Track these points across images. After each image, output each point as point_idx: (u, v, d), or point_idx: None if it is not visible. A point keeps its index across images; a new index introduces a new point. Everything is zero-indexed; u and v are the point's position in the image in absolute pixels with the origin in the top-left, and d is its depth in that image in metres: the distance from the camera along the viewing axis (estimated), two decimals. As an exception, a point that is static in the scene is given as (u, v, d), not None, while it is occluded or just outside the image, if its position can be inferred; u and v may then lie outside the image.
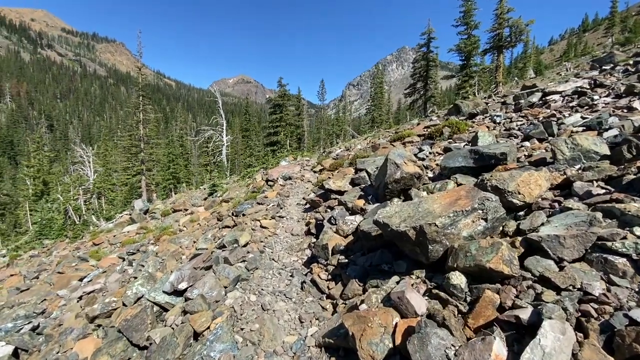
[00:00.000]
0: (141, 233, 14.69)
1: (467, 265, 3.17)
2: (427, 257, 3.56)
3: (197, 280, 5.32)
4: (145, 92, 35.60)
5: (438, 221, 3.43)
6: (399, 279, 3.79)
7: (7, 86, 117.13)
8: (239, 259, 5.98)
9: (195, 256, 6.63)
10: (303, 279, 5.28)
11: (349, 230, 5.62)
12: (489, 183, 4.13)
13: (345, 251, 5.21)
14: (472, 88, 35.32)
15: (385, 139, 15.85)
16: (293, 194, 11.66)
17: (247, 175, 20.61)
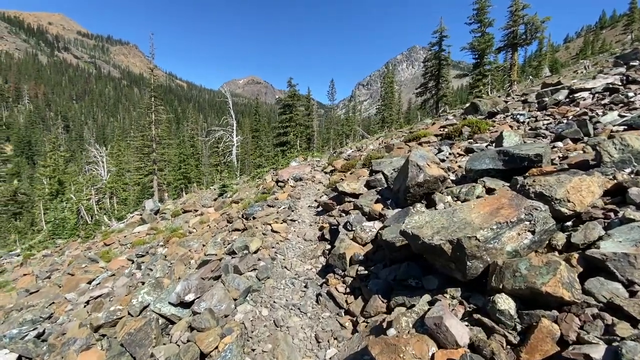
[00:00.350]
0: (151, 234, 14.51)
1: (517, 287, 2.69)
2: (464, 275, 3.09)
3: (205, 291, 4.94)
4: (157, 93, 35.84)
5: (479, 234, 2.96)
6: (430, 298, 3.32)
7: (25, 88, 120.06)
8: (249, 268, 5.59)
9: (203, 263, 6.27)
10: (318, 291, 4.85)
11: (368, 237, 5.16)
12: (531, 189, 3.63)
13: (364, 261, 4.76)
14: (485, 87, 34.40)
15: (399, 139, 15.31)
16: (304, 195, 11.25)
17: (257, 176, 20.30)
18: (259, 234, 7.17)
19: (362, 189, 7.55)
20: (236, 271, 5.49)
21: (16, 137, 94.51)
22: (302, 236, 7.10)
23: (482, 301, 3.00)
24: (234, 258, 6.04)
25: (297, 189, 12.32)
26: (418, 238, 3.34)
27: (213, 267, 5.41)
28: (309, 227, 7.71)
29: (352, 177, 9.06)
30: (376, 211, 5.88)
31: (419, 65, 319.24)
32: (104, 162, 45.09)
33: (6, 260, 17.95)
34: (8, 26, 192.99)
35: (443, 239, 3.12)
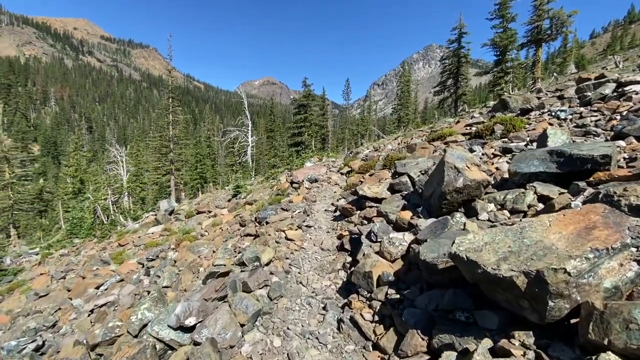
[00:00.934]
0: (164, 235, 14.13)
1: (634, 346, 1.87)
2: (542, 317, 2.27)
3: (208, 314, 4.26)
4: (174, 94, 36.05)
5: (570, 265, 2.14)
6: (492, 344, 2.51)
7: (52, 91, 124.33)
8: (260, 284, 4.87)
9: (211, 275, 5.62)
10: (340, 315, 4.09)
11: (398, 253, 4.36)
12: (623, 200, 2.77)
13: (395, 283, 3.96)
14: (507, 85, 32.80)
15: (420, 138, 14.37)
16: (320, 198, 10.51)
17: (272, 177, 19.71)
18: (272, 242, 6.46)
19: (385, 192, 6.74)
20: (245, 288, 4.79)
21: (43, 138, 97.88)
22: (319, 245, 6.34)
23: (570, 356, 2.17)
24: (243, 272, 5.36)
25: (312, 191, 11.61)
26: (476, 265, 2.54)
27: (218, 286, 4.71)
28: (326, 234, 6.96)
29: (373, 179, 8.25)
30: (404, 220, 5.07)
31: (435, 64, 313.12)
32: (124, 162, 45.75)
33: (25, 259, 18.01)
34: (36, 32, 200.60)
35: (515, 269, 2.31)
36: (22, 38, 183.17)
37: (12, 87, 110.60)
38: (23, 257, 17.86)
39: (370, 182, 8.09)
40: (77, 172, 42.60)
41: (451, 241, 3.50)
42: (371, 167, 11.27)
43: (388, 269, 4.10)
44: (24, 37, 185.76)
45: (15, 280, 15.03)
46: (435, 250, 3.37)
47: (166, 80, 37.23)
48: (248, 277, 4.93)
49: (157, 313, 4.93)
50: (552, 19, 30.52)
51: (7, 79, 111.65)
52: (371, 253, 4.47)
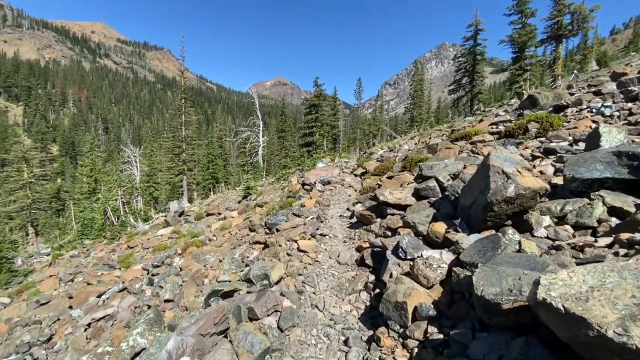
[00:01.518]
0: (173, 238, 13.64)
1: None
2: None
3: (205, 354, 3.53)
4: (187, 95, 36.01)
5: None
6: None
7: (70, 92, 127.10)
8: (268, 310, 4.13)
9: (213, 294, 4.92)
10: (365, 354, 3.32)
11: (436, 277, 3.53)
12: None
13: (436, 318, 3.15)
14: (526, 83, 31.37)
15: (439, 137, 13.45)
16: (334, 202, 9.75)
17: (283, 177, 19.04)
18: (283, 254, 5.73)
19: (410, 199, 5.93)
20: (251, 315, 4.06)
21: (61, 139, 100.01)
22: (336, 257, 5.57)
23: None
24: (249, 292, 4.65)
25: (325, 194, 10.85)
26: (584, 324, 1.71)
27: (218, 318, 3.93)
28: (343, 244, 6.19)
29: (393, 183, 7.44)
30: (438, 233, 4.26)
31: (448, 62, 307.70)
32: (137, 162, 45.98)
33: (36, 260, 17.84)
34: (56, 35, 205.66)
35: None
36: (42, 42, 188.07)
37: (33, 89, 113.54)
38: (34, 257, 17.69)
39: (390, 186, 7.28)
40: (92, 172, 42.98)
41: (514, 269, 2.69)
42: (388, 169, 10.46)
43: (426, 299, 3.28)
44: (44, 40, 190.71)
45: (25, 281, 14.82)
46: (495, 284, 2.56)
47: (179, 82, 37.27)
48: (255, 300, 4.20)
49: (151, 339, 4.27)
50: (573, 14, 29.27)
51: (28, 81, 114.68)
52: (402, 277, 3.63)
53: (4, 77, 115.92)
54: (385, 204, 6.19)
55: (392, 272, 3.97)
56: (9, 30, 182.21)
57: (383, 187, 7.25)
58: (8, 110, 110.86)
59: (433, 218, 4.83)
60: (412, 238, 4.43)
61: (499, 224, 3.83)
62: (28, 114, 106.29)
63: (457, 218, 4.32)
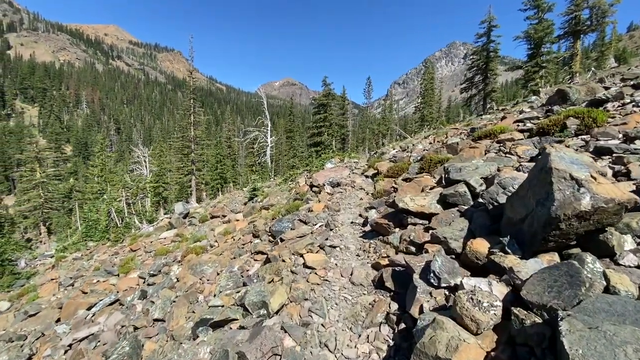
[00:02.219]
0: (176, 241, 13.08)
1: None
2: None
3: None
4: (196, 95, 35.86)
5: None
6: None
7: (83, 94, 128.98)
8: (264, 355, 3.29)
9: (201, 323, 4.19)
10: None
11: (489, 321, 2.67)
12: None
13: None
14: (542, 80, 30.05)
15: (456, 136, 12.54)
16: (344, 206, 8.97)
17: (290, 178, 18.33)
18: (286, 272, 4.96)
19: (435, 206, 5.11)
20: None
21: (75, 139, 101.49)
22: (348, 276, 4.78)
23: None
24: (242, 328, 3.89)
25: (334, 197, 10.08)
26: None
27: None
28: (356, 258, 5.40)
29: (412, 187, 6.61)
30: (479, 254, 3.42)
31: (458, 61, 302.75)
32: (147, 162, 45.96)
33: (40, 262, 17.51)
34: (70, 38, 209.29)
35: None
36: (57, 44, 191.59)
37: (48, 91, 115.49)
38: (38, 259, 17.35)
39: (409, 190, 6.46)
40: (102, 172, 43.05)
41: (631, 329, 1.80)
42: (402, 170, 9.63)
43: (477, 354, 2.44)
44: (59, 43, 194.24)
45: (27, 284, 14.47)
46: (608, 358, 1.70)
47: (188, 82, 37.11)
48: (248, 340, 3.45)
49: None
50: (591, 8, 28.07)
51: (43, 83, 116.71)
52: (442, 320, 2.66)
53: (21, 79, 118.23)
54: (405, 211, 5.38)
55: (423, 305, 3.17)
56: (25, 33, 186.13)
57: (401, 191, 6.43)
58: (24, 111, 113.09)
59: (469, 233, 3.99)
60: (446, 259, 3.59)
61: (563, 244, 3.00)
62: (43, 115, 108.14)
63: (500, 234, 3.51)
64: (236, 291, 4.89)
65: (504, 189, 3.98)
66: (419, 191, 6.03)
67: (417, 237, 4.49)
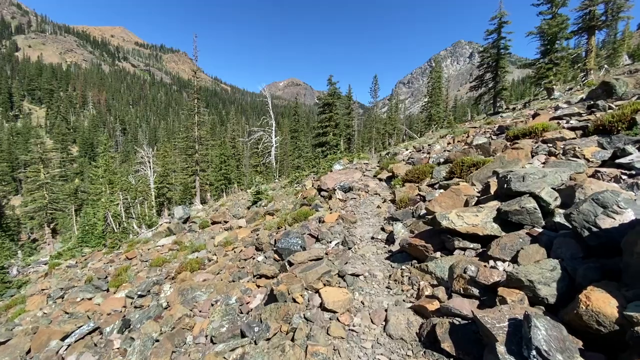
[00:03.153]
0: (174, 249, 12.05)
1: None
2: None
3: None
4: (200, 95, 35.11)
5: None
6: None
7: (90, 95, 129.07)
8: None
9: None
10: None
11: None
12: None
13: None
14: (556, 77, 28.60)
15: (480, 135, 11.33)
16: (360, 215, 7.82)
17: (296, 180, 17.22)
18: (298, 318, 3.70)
19: (492, 226, 3.94)
20: None
21: (81, 140, 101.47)
22: (381, 323, 3.52)
23: None
24: None
25: (348, 204, 8.93)
26: None
27: None
28: (386, 291, 4.18)
29: (449, 197, 5.42)
30: (604, 317, 2.14)
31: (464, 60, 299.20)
32: (151, 163, 45.16)
33: (33, 269, 16.60)
34: (77, 40, 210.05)
35: None
36: (65, 46, 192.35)
37: (55, 92, 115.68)
38: (32, 266, 16.41)
39: (445, 201, 5.30)
40: (105, 172, 42.29)
41: None
42: (424, 174, 8.46)
43: None
44: (66, 45, 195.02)
45: (17, 294, 13.53)
46: None
47: (192, 82, 36.32)
48: None
49: None
50: (607, 3, 26.75)
51: (50, 84, 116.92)
52: None
53: (28, 80, 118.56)
54: (450, 231, 4.20)
55: None
56: (33, 35, 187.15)
57: (434, 202, 5.27)
58: (31, 112, 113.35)
59: (564, 274, 2.76)
60: (550, 325, 2.22)
61: None
62: (50, 116, 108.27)
63: (613, 277, 2.34)
64: (230, 348, 3.70)
65: (605, 208, 2.83)
66: (460, 203, 4.88)
67: (482, 275, 3.26)
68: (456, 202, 4.99)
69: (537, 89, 39.87)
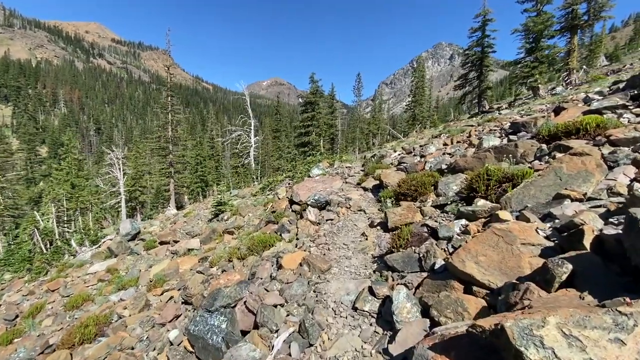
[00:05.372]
0: (105, 280, 9.48)
1: None
2: None
3: None
4: (173, 92, 32.35)
5: None
6: None
7: (61, 93, 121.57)
8: None
9: None
10: None
11: None
12: None
13: None
14: (541, 76, 27.46)
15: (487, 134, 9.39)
16: (338, 252, 5.65)
17: (269, 187, 14.89)
18: None
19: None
20: None
21: (50, 140, 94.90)
22: None
23: None
24: None
25: (322, 230, 6.69)
26: None
27: None
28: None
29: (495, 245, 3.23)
30: None
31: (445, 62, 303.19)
32: (120, 165, 41.34)
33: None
34: (48, 35, 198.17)
35: None
36: (34, 41, 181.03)
37: (22, 90, 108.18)
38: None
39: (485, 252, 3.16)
40: (68, 176, 38.25)
41: None
42: (425, 187, 6.41)
43: None
44: (36, 40, 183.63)
45: None
46: None
47: (165, 77, 33.49)
48: None
49: None
50: (589, 2, 25.98)
51: (17, 81, 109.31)
52: None
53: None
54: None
55: None
56: (0, 30, 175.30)
57: (465, 255, 3.05)
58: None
59: None
60: None
61: None
62: (17, 114, 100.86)
63: None
64: None
65: None
66: (516, 261, 2.72)
67: None
68: (507, 259, 2.79)
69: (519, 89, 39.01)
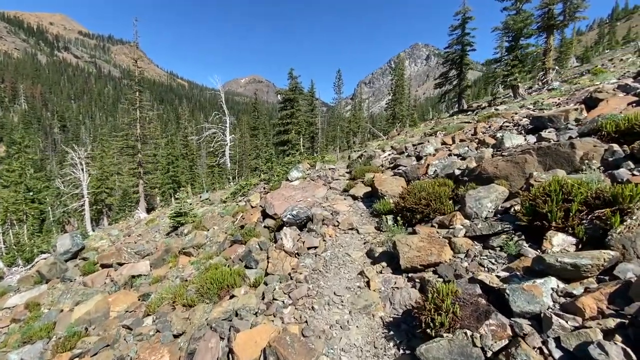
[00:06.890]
0: (20, 320, 7.20)
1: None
2: None
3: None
4: (142, 87, 29.60)
5: None
6: None
7: (21, 88, 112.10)
8: None
9: None
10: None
11: None
12: None
13: None
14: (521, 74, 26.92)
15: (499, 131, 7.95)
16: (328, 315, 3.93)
17: (241, 192, 12.85)
18: None
19: None
20: None
21: (9, 138, 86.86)
22: None
23: None
24: None
25: (301, 271, 4.86)
26: None
27: None
28: None
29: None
30: None
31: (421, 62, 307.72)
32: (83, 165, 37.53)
33: None
34: (7, 26, 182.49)
35: None
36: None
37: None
38: None
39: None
40: (21, 177, 34.10)
41: None
42: (441, 201, 4.74)
43: None
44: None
45: None
46: None
47: (132, 71, 30.57)
48: None
49: None
50: (565, 2, 25.73)
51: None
52: None
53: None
54: None
55: None
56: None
57: None
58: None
59: None
60: None
61: None
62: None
63: None
64: None
65: None
66: None
67: None
68: None
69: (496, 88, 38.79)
